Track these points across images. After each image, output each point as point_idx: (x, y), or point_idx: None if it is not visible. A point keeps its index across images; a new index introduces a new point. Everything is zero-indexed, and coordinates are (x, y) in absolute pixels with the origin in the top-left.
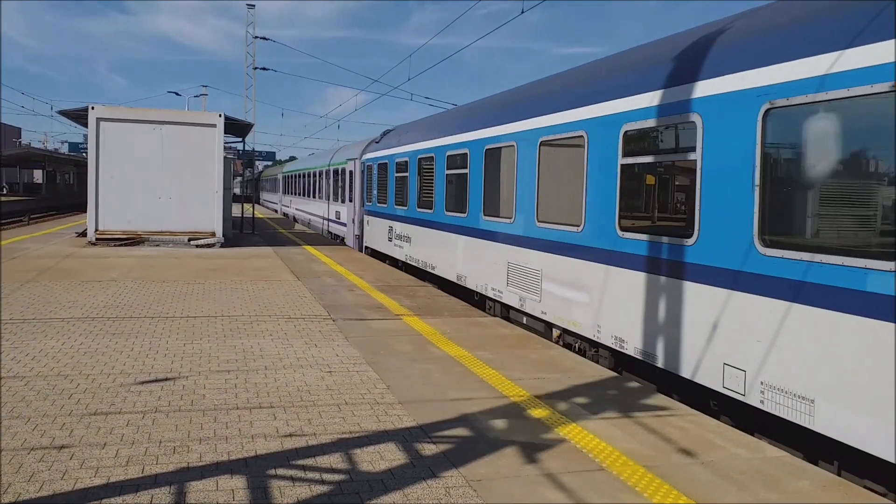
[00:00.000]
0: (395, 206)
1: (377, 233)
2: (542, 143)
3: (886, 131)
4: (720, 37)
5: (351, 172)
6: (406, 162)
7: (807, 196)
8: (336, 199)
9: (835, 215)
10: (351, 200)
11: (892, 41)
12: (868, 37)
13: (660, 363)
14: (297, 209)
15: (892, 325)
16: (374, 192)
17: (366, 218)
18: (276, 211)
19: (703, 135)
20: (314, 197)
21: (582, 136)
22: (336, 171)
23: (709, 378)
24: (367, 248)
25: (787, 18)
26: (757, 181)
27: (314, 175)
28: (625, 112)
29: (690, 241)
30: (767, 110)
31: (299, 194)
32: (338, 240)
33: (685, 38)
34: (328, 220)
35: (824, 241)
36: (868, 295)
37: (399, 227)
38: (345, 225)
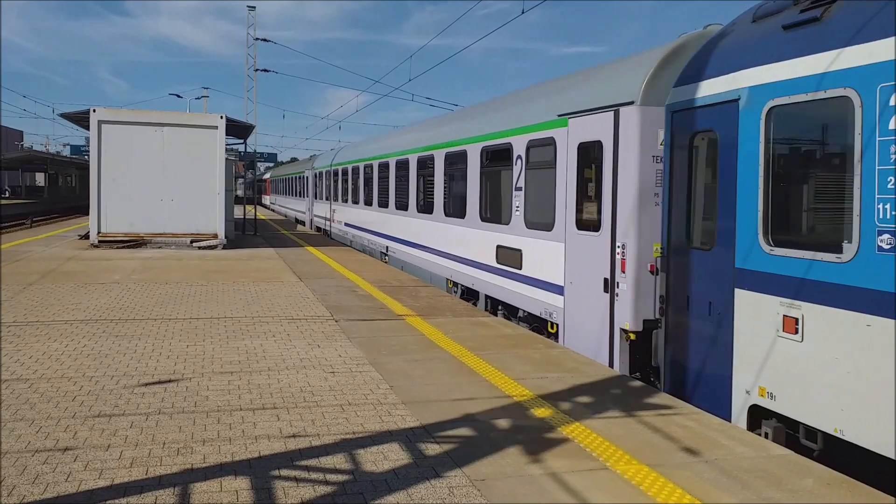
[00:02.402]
0: None
1: None
2: None
3: None
4: None
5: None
6: None
7: None
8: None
9: None
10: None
11: None
12: None
13: None
14: (386, 238)
15: None
16: None
17: None
18: (302, 223)
19: None
20: (491, 220)
21: None
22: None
23: None
24: None
25: None
26: None
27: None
28: None
29: None
30: None
31: (407, 207)
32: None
33: None
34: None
35: None
36: None
37: None
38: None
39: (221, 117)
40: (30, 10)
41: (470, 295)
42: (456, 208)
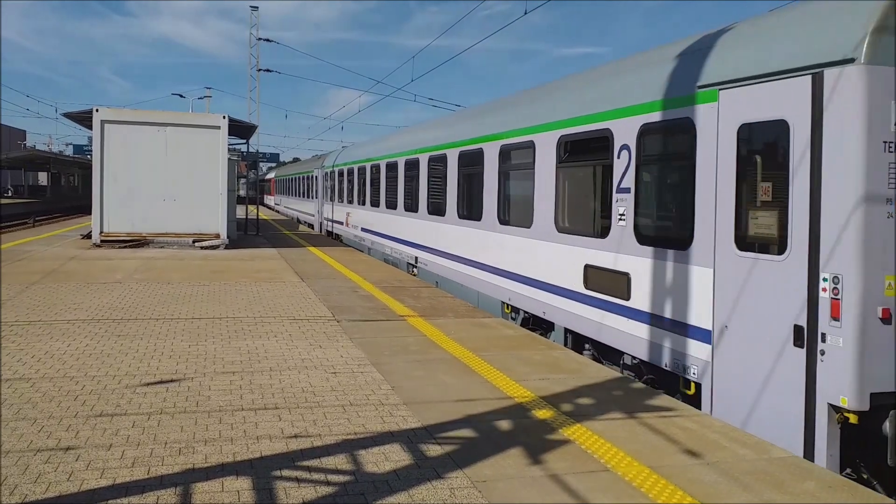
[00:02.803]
0: None
1: None
2: None
3: None
4: None
5: None
6: None
7: None
8: None
9: None
10: None
11: None
12: None
13: None
14: None
15: None
16: None
17: None
18: (311, 225)
19: None
20: None
21: None
22: None
23: None
24: None
25: None
26: None
27: None
28: None
29: None
30: None
31: None
32: None
33: None
34: None
35: None
36: None
37: None
38: None
39: (224, 117)
40: (32, 10)
41: (537, 324)
42: (517, 215)
